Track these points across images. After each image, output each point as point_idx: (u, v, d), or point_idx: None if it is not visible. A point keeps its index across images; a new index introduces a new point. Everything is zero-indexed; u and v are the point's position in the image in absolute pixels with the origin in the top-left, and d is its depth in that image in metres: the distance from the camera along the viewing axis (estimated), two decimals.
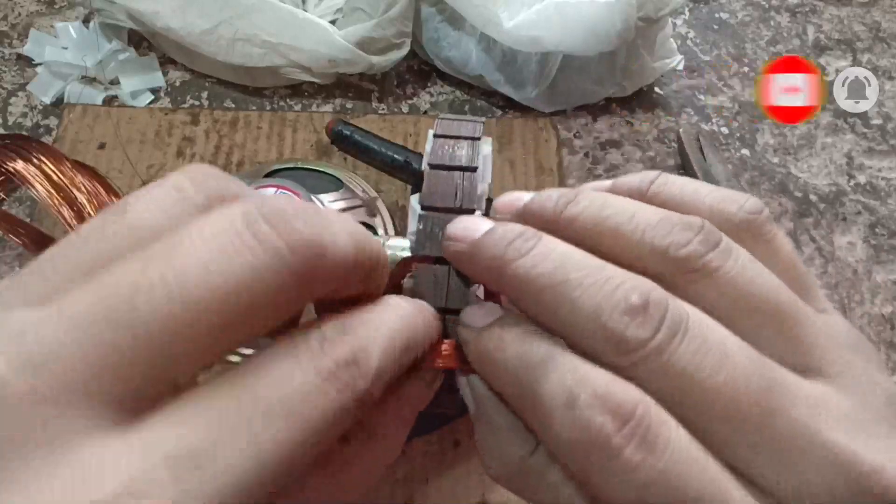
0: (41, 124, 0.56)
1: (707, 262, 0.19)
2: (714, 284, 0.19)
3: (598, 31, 0.49)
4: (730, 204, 0.21)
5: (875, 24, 0.65)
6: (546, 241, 0.20)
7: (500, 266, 0.20)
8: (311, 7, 0.58)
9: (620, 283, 0.18)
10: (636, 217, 0.20)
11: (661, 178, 0.22)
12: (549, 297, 0.19)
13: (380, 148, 0.52)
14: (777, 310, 0.19)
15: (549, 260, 0.19)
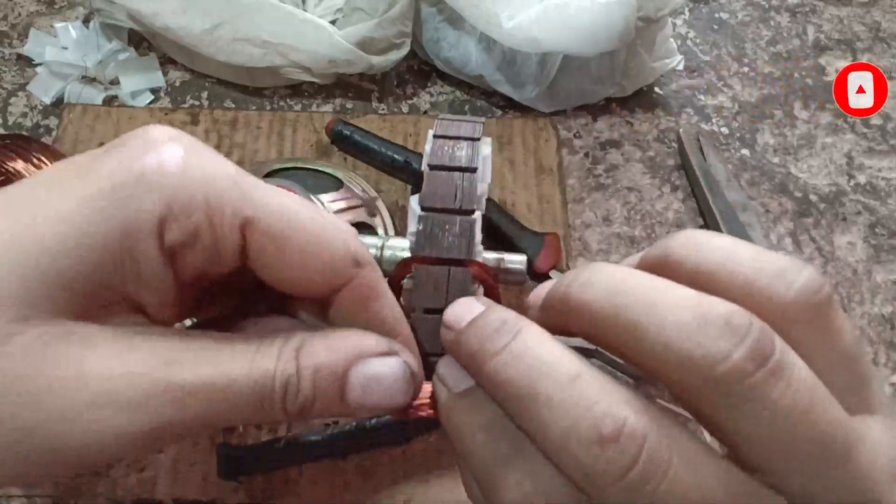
0: (41, 124, 0.56)
1: (752, 386, 0.15)
2: (753, 415, 0.15)
3: (598, 31, 0.49)
4: (777, 278, 0.17)
5: (875, 24, 0.65)
6: (523, 337, 0.18)
7: (476, 364, 0.18)
8: (311, 7, 0.58)
9: (593, 405, 0.16)
10: (658, 310, 0.16)
11: (685, 238, 0.18)
12: (518, 408, 0.17)
13: (380, 148, 0.52)
14: (823, 452, 0.16)
15: (521, 364, 0.17)
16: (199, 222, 0.19)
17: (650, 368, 0.16)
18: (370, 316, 0.22)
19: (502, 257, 0.37)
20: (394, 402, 0.20)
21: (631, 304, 0.17)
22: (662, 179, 0.55)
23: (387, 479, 0.42)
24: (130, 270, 0.19)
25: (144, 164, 0.19)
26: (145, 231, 0.19)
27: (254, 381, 0.19)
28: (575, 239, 0.52)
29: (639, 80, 0.58)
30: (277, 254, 0.20)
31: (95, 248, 0.18)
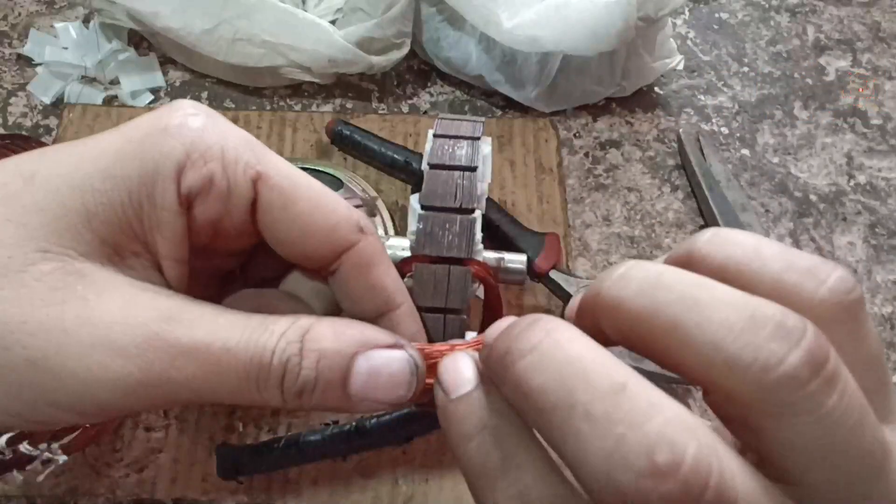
0: (41, 124, 0.56)
1: (807, 395, 0.14)
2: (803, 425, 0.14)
3: (598, 31, 0.49)
4: (807, 276, 0.16)
5: (875, 24, 0.65)
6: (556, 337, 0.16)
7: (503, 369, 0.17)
8: (311, 7, 0.58)
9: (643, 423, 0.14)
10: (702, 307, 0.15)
11: (710, 235, 0.17)
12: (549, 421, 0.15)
13: (380, 148, 0.52)
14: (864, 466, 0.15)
15: (555, 367, 0.15)
16: (215, 170, 0.20)
17: (692, 372, 0.15)
18: (373, 282, 0.22)
19: (502, 257, 0.37)
20: (396, 395, 0.20)
21: (671, 300, 0.15)
22: (662, 179, 0.55)
23: (387, 479, 0.42)
24: (148, 213, 0.20)
25: (170, 120, 0.21)
26: (164, 174, 0.20)
27: (250, 353, 0.19)
28: (575, 239, 0.52)
29: (639, 80, 0.58)
30: (285, 210, 0.21)
31: (118, 188, 0.20)
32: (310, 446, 0.41)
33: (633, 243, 0.52)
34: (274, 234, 0.22)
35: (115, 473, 0.41)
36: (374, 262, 0.22)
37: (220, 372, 0.19)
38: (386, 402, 0.20)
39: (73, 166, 0.20)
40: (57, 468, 0.40)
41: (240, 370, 0.19)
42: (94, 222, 0.20)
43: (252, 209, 0.22)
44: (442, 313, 0.24)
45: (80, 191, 0.19)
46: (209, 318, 0.20)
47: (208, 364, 0.19)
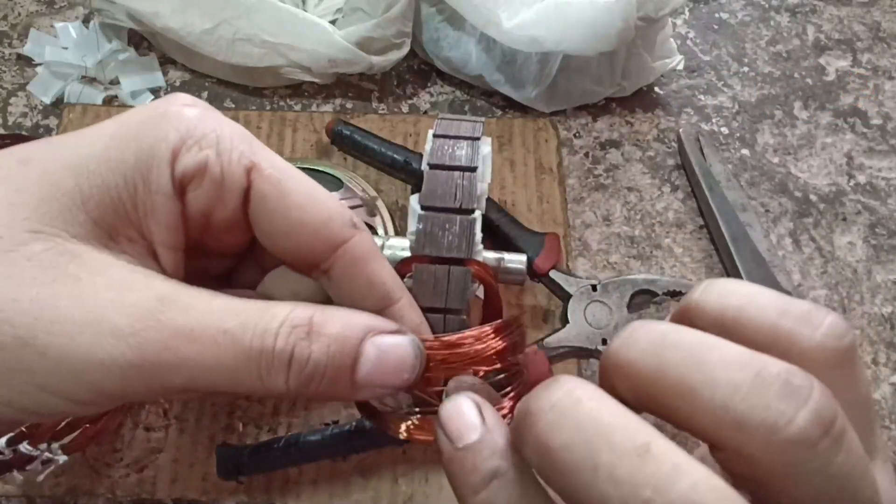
0: (41, 124, 0.56)
1: (817, 454, 0.14)
2: (812, 481, 0.14)
3: (598, 31, 0.49)
4: (801, 322, 0.16)
5: (875, 24, 0.65)
6: (577, 394, 0.16)
7: (523, 428, 0.16)
8: (311, 7, 0.58)
9: (670, 486, 0.13)
10: (707, 366, 0.15)
11: (706, 285, 0.18)
12: (571, 482, 0.15)
13: (380, 148, 0.52)
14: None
15: (577, 426, 0.15)
16: (209, 156, 0.21)
17: (702, 431, 0.15)
18: (371, 277, 0.22)
19: (502, 257, 0.37)
20: (401, 379, 0.20)
21: (677, 360, 0.15)
22: (662, 179, 0.55)
23: (387, 479, 0.42)
24: (143, 197, 0.20)
25: (167, 107, 0.21)
26: (160, 157, 0.20)
27: (250, 335, 0.19)
28: (575, 239, 0.52)
29: (639, 80, 0.58)
30: (279, 201, 0.21)
31: (113, 170, 0.20)
32: (310, 446, 0.41)
33: (633, 243, 0.52)
34: (266, 226, 0.22)
35: (115, 473, 0.41)
36: (370, 257, 0.22)
37: (218, 355, 0.18)
38: (390, 386, 0.20)
39: (68, 150, 0.20)
40: (57, 468, 0.40)
41: (239, 354, 0.19)
42: (89, 204, 0.19)
43: (245, 200, 0.21)
44: (442, 313, 0.24)
45: (74, 172, 0.19)
46: (205, 300, 0.19)
47: (204, 346, 0.18)
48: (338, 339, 0.19)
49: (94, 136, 0.20)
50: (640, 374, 0.16)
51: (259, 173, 0.21)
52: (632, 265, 0.51)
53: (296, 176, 0.22)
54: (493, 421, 0.19)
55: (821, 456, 0.14)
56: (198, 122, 0.21)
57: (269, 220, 0.21)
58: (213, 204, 0.21)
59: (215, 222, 0.22)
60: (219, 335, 0.18)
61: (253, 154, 0.21)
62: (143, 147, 0.20)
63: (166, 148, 0.20)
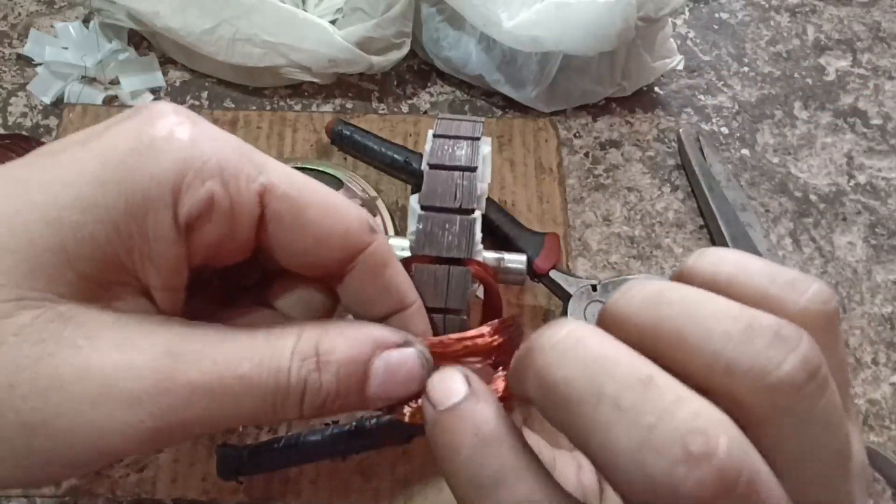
0: (41, 124, 0.56)
1: (802, 397, 0.15)
2: (797, 426, 0.15)
3: (598, 31, 0.49)
4: (788, 288, 0.17)
5: (875, 24, 0.65)
6: (578, 333, 0.16)
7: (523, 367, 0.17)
8: (311, 7, 0.58)
9: (674, 412, 0.14)
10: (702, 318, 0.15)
11: (698, 254, 0.18)
12: (574, 413, 0.15)
13: (380, 148, 0.52)
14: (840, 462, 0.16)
15: (580, 359, 0.15)
16: (215, 190, 0.18)
17: (695, 378, 0.15)
18: (388, 282, 0.21)
19: (502, 257, 0.37)
20: (410, 391, 0.20)
21: (673, 313, 0.16)
22: (662, 179, 0.55)
23: (387, 479, 0.42)
24: (140, 246, 0.18)
25: (154, 133, 0.18)
26: (157, 201, 0.18)
27: (264, 376, 0.18)
28: (575, 239, 0.52)
29: (639, 80, 0.58)
30: (296, 220, 0.20)
31: (101, 220, 0.17)
32: (310, 446, 0.41)
33: (633, 243, 0.52)
34: (284, 245, 0.20)
35: (115, 473, 0.41)
36: (387, 262, 0.21)
37: (237, 402, 0.18)
38: (400, 398, 0.20)
39: (44, 196, 0.17)
40: None
41: (256, 396, 0.18)
42: (75, 261, 0.17)
43: (258, 225, 0.20)
44: (442, 313, 0.24)
45: (55, 226, 0.17)
46: (213, 344, 0.18)
47: (223, 397, 0.18)
48: (346, 362, 0.19)
49: (73, 178, 0.17)
50: (636, 327, 0.16)
51: (272, 195, 0.19)
52: (632, 265, 0.51)
53: (308, 187, 0.20)
54: (478, 387, 0.19)
55: (806, 399, 0.14)
56: (194, 148, 0.18)
57: (288, 241, 0.20)
58: (223, 238, 0.19)
59: (223, 251, 0.20)
60: (235, 383, 0.18)
61: (261, 173, 0.19)
62: (135, 191, 0.17)
63: (164, 189, 0.18)
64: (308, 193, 0.20)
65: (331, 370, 0.19)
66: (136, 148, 0.18)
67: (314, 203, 0.20)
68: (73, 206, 0.17)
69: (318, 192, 0.20)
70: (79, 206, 0.17)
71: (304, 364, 0.19)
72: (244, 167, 0.19)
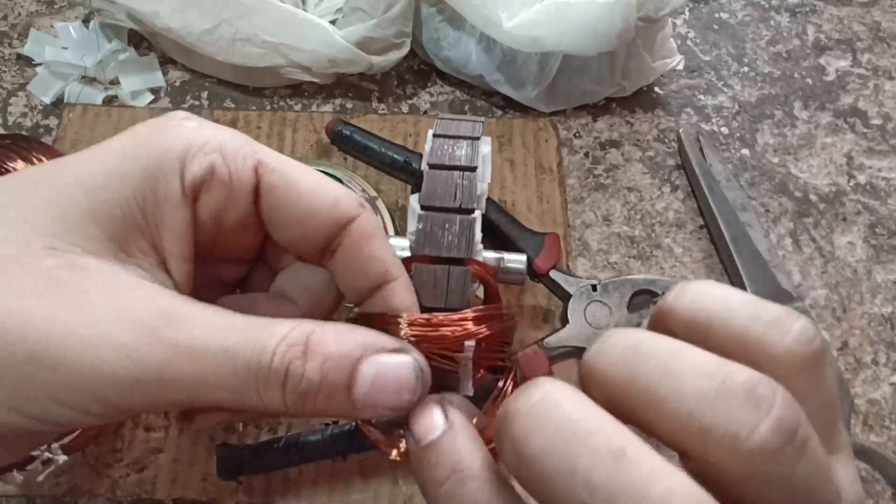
0: (41, 124, 0.56)
1: (779, 462, 0.14)
2: (776, 489, 0.14)
3: (598, 31, 0.49)
4: (772, 327, 0.16)
5: (875, 24, 0.65)
6: (553, 396, 0.15)
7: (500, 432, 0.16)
8: (311, 7, 0.58)
9: (644, 494, 0.14)
10: (675, 377, 0.15)
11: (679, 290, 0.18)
12: (549, 490, 0.15)
13: (380, 148, 0.52)
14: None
15: (550, 427, 0.15)
16: (215, 160, 0.21)
17: (670, 441, 0.15)
18: (374, 253, 0.23)
19: (502, 257, 0.37)
20: (402, 400, 0.20)
21: (648, 370, 0.15)
22: (662, 179, 0.55)
23: (387, 479, 0.42)
24: (152, 208, 0.21)
25: (167, 122, 0.22)
26: (167, 168, 0.21)
27: (248, 353, 0.19)
28: (575, 239, 0.52)
29: (639, 80, 0.58)
30: (289, 190, 0.22)
31: (122, 184, 0.20)
32: (310, 446, 0.41)
33: (633, 243, 0.52)
34: (278, 216, 0.23)
35: (115, 473, 0.41)
36: (373, 233, 0.23)
37: (218, 372, 0.19)
38: (391, 407, 0.20)
39: (76, 167, 0.21)
40: (57, 468, 0.40)
41: (238, 370, 0.19)
42: (100, 218, 0.20)
43: (255, 198, 0.22)
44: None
45: (84, 188, 0.20)
46: (208, 317, 0.20)
47: (205, 364, 0.19)
48: (332, 357, 0.19)
49: (102, 153, 0.21)
50: (612, 383, 0.16)
51: (266, 168, 0.22)
52: (632, 265, 0.51)
53: (301, 167, 0.23)
54: (457, 421, 0.20)
55: (783, 464, 0.14)
56: (198, 131, 0.22)
57: (281, 210, 0.22)
58: (224, 206, 0.22)
59: (227, 225, 0.23)
60: (219, 353, 0.19)
61: (256, 153, 0.22)
62: (150, 160, 0.21)
63: (173, 158, 0.21)
64: (300, 172, 0.23)
65: (315, 360, 0.19)
66: (152, 131, 0.22)
67: (305, 178, 0.22)
68: (100, 172, 0.21)
69: (309, 172, 0.23)
70: (104, 172, 0.21)
71: (290, 350, 0.19)
72: (241, 146, 0.22)
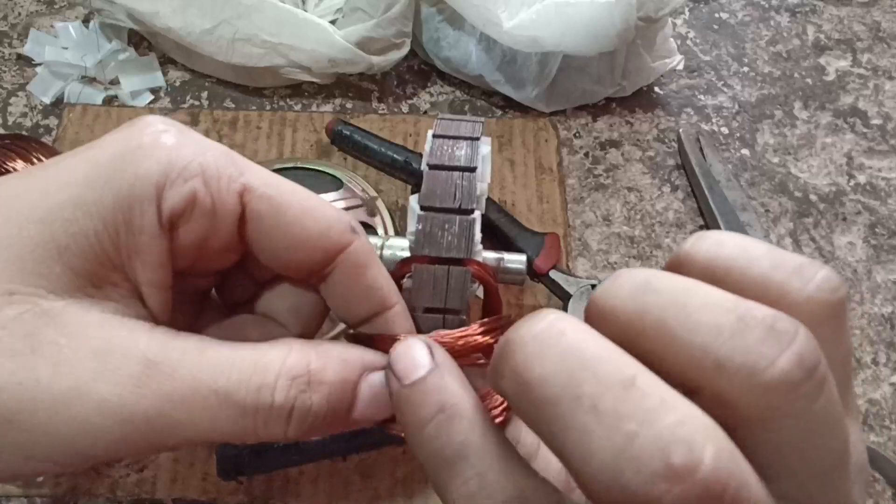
0: (41, 124, 0.56)
1: (798, 396, 0.13)
2: (793, 426, 0.14)
3: (598, 31, 0.49)
4: (793, 275, 0.15)
5: (875, 24, 0.65)
6: (558, 325, 0.15)
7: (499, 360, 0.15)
8: (311, 7, 0.58)
9: (656, 420, 0.13)
10: (690, 309, 0.14)
11: (696, 237, 0.17)
12: (550, 415, 0.14)
13: (380, 148, 0.52)
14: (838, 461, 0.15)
15: (558, 356, 0.14)
16: (197, 187, 0.19)
17: (682, 375, 0.14)
18: (369, 282, 0.22)
19: (502, 257, 0.37)
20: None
21: (660, 303, 0.15)
22: (662, 179, 0.55)
23: (387, 479, 0.42)
24: (126, 240, 0.19)
25: (141, 139, 0.19)
26: (142, 197, 0.19)
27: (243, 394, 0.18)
28: (575, 239, 0.52)
29: (639, 80, 0.58)
30: (277, 218, 0.20)
31: (90, 216, 0.18)
32: (310, 446, 0.41)
33: (633, 243, 0.52)
34: (265, 244, 0.21)
35: (115, 473, 0.41)
36: (369, 262, 0.22)
37: (212, 416, 0.18)
38: (384, 417, 0.20)
39: (38, 197, 0.18)
40: None
41: (233, 412, 0.18)
42: (66, 255, 0.18)
43: (240, 225, 0.21)
44: (441, 313, 0.24)
45: (48, 223, 0.18)
46: (193, 356, 0.18)
47: (196, 409, 0.18)
48: (335, 385, 0.19)
49: (66, 179, 0.18)
50: (622, 319, 0.15)
51: (252, 194, 0.20)
52: (632, 265, 0.51)
53: (290, 189, 0.21)
54: (442, 359, 0.19)
55: (801, 399, 0.13)
56: (178, 151, 0.19)
57: (269, 239, 0.21)
58: (206, 235, 0.20)
59: (207, 250, 0.21)
60: (210, 396, 0.18)
61: (241, 175, 0.20)
62: (121, 187, 0.18)
63: (148, 186, 0.19)
64: (288, 194, 0.21)
65: (321, 391, 0.19)
66: (123, 151, 0.19)
67: (293, 203, 0.20)
68: (65, 204, 0.18)
69: (297, 194, 0.21)
70: (70, 203, 0.18)
71: (294, 384, 0.18)
72: (225, 169, 0.20)
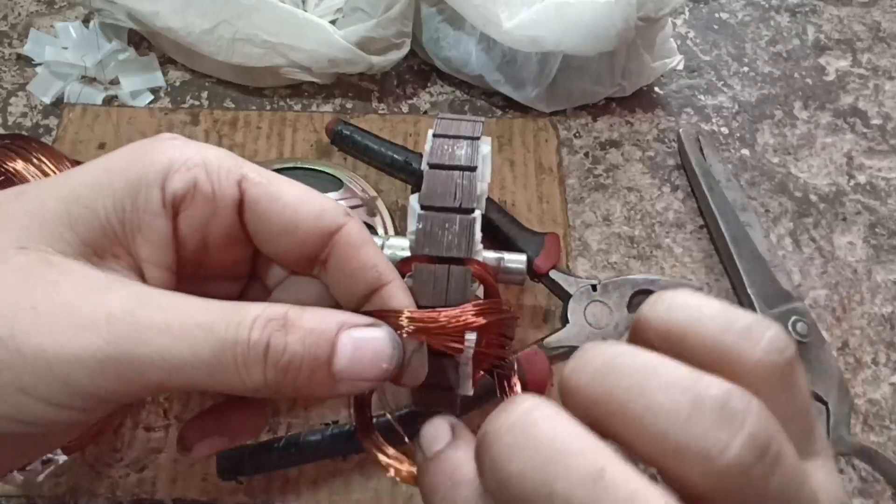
0: (41, 124, 0.56)
1: (753, 479, 0.14)
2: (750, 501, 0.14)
3: (598, 31, 0.49)
4: (742, 338, 0.16)
5: (875, 24, 0.65)
6: (532, 415, 0.15)
7: (480, 452, 0.16)
8: (311, 7, 0.58)
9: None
10: (649, 393, 0.15)
11: (653, 300, 0.18)
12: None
13: (380, 148, 0.52)
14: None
15: (529, 449, 0.15)
16: (199, 175, 0.22)
17: (647, 457, 0.15)
18: (365, 259, 0.23)
19: (502, 256, 0.37)
20: (380, 370, 0.20)
21: (623, 386, 0.15)
22: (662, 179, 0.55)
23: (387, 479, 0.42)
24: (131, 216, 0.21)
25: (153, 142, 0.23)
26: (148, 180, 0.21)
27: (225, 327, 0.19)
28: (575, 239, 0.52)
29: (639, 80, 0.58)
30: (273, 203, 0.22)
31: (104, 195, 0.21)
32: (310, 446, 0.41)
33: (633, 243, 0.52)
34: (264, 229, 0.23)
35: (115, 473, 0.41)
36: (363, 241, 0.23)
37: (193, 347, 0.19)
38: (370, 378, 0.20)
39: (61, 182, 0.21)
40: (57, 468, 0.40)
41: (214, 346, 0.19)
42: (76, 225, 0.20)
43: (239, 212, 0.23)
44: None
45: (64, 200, 0.21)
46: (181, 300, 0.20)
47: (180, 339, 0.19)
48: (313, 331, 0.20)
49: (86, 170, 0.22)
50: (589, 400, 0.16)
51: (249, 182, 0.22)
52: (632, 265, 0.51)
53: (285, 181, 0.23)
54: (463, 436, 0.20)
55: (756, 480, 0.14)
56: (182, 149, 0.22)
57: (266, 223, 0.23)
58: (207, 220, 0.22)
59: (212, 239, 0.23)
60: (194, 328, 0.19)
61: (240, 167, 0.23)
62: (132, 174, 0.21)
63: (155, 171, 0.21)
64: (284, 184, 0.23)
65: (297, 334, 0.19)
66: (137, 149, 0.22)
67: (289, 191, 0.23)
68: (83, 186, 0.21)
69: (293, 184, 0.23)
70: (87, 186, 0.21)
71: (270, 324, 0.19)
72: (225, 161, 0.23)
